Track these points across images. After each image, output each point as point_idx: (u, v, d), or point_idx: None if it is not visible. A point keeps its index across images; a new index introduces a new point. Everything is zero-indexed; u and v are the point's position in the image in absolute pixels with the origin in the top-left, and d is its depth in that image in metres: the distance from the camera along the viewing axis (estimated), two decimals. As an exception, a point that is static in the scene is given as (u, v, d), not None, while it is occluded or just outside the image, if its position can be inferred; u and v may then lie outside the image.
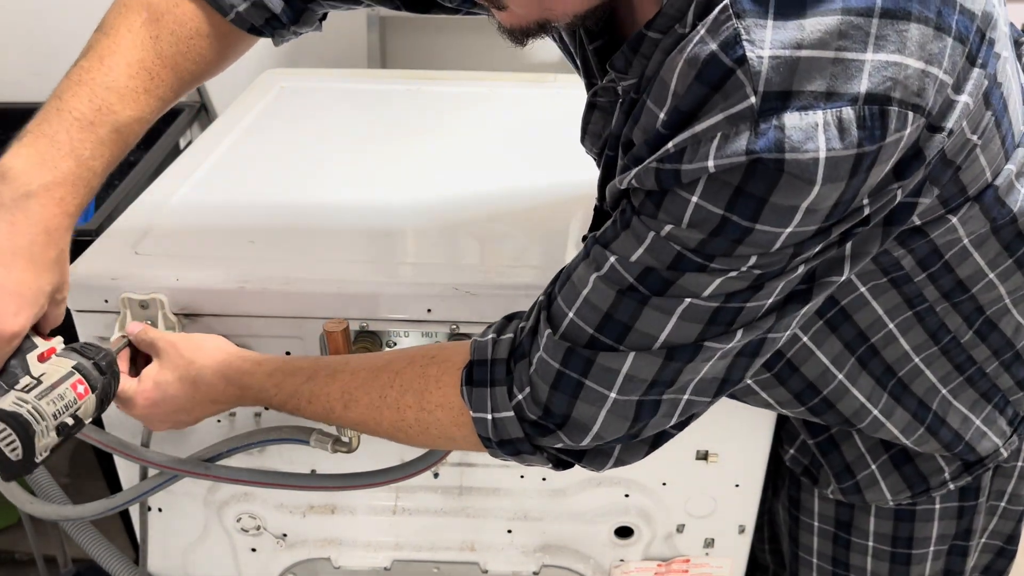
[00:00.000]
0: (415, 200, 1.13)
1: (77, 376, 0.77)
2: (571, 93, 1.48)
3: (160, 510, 1.10)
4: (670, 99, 0.61)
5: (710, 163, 0.59)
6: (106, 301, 0.93)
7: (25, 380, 0.75)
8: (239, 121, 1.32)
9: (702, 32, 0.59)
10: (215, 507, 1.09)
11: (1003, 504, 1.00)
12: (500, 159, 1.26)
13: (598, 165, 0.84)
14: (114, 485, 1.45)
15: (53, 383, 0.75)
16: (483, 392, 0.75)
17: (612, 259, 0.67)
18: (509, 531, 1.10)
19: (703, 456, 1.03)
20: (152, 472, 0.99)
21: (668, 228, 0.64)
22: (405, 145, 1.29)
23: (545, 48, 0.95)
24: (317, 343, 0.96)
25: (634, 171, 0.64)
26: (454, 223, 1.08)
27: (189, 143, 1.38)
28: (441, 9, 0.90)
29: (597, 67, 0.78)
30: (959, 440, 0.89)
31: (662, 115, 0.62)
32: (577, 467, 0.98)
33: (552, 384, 0.71)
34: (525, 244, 1.06)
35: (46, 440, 0.74)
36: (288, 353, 0.97)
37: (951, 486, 0.94)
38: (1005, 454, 0.92)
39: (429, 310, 0.94)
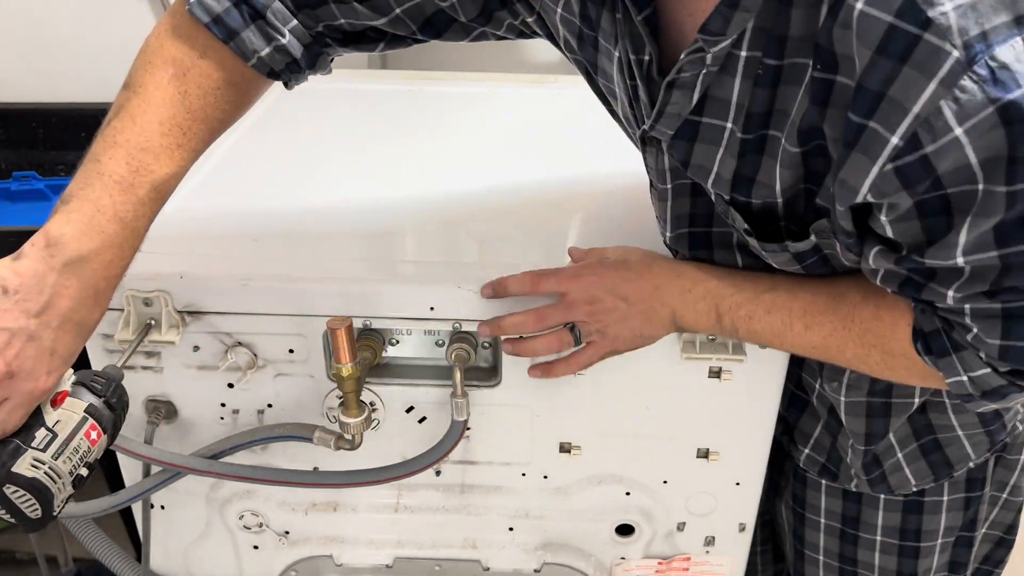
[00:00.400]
0: (417, 199, 1.14)
1: (90, 422, 0.78)
2: (571, 93, 1.49)
3: (163, 507, 1.10)
4: (859, 76, 0.61)
5: (957, 131, 0.59)
6: (110, 299, 0.93)
7: (41, 434, 0.75)
8: (242, 121, 1.32)
9: (859, 5, 0.59)
10: (217, 504, 1.10)
11: (1004, 495, 1.01)
12: (500, 159, 1.26)
13: (650, 147, 0.83)
14: (115, 483, 1.45)
15: (68, 435, 0.76)
16: (949, 360, 0.75)
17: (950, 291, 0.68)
18: (511, 529, 1.11)
19: (704, 454, 1.04)
20: (155, 469, 0.99)
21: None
22: (406, 145, 1.29)
23: (545, 48, 0.95)
24: (320, 340, 0.96)
25: (867, 183, 0.64)
26: (455, 222, 1.09)
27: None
28: (453, 35, 0.90)
29: (649, 39, 0.75)
30: (998, 417, 0.91)
31: (854, 90, 0.62)
32: (577, 467, 0.99)
33: (1000, 356, 0.72)
34: (525, 244, 1.06)
35: (63, 495, 0.76)
36: (291, 351, 0.97)
37: (971, 464, 0.95)
38: (1021, 427, 0.93)
39: (432, 308, 0.95)
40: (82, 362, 0.84)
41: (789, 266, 0.83)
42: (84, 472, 0.77)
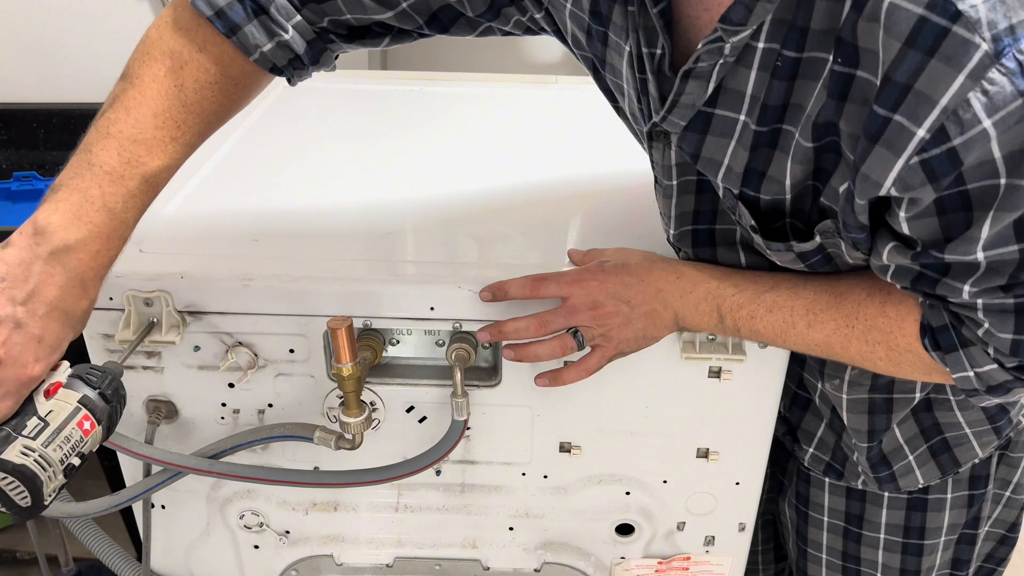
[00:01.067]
0: (417, 199, 1.14)
1: (83, 412, 0.78)
2: (571, 94, 1.49)
3: (163, 507, 1.10)
4: (881, 71, 0.61)
5: (986, 123, 0.59)
6: (111, 299, 0.93)
7: (32, 423, 0.75)
8: (242, 121, 1.33)
9: None
10: (218, 504, 1.10)
11: (1007, 493, 1.02)
12: (501, 159, 1.27)
13: (656, 143, 0.82)
14: (115, 483, 1.46)
15: (59, 424, 0.76)
16: (956, 356, 0.76)
17: (966, 286, 0.69)
18: (511, 528, 1.11)
19: (704, 454, 1.04)
20: (155, 469, 1.00)
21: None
22: (406, 145, 1.29)
23: (545, 48, 0.95)
24: (321, 340, 0.97)
25: (892, 177, 0.64)
26: (455, 222, 1.09)
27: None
28: (459, 29, 0.90)
29: (663, 31, 0.75)
30: (1004, 413, 0.91)
31: (878, 84, 0.62)
32: (577, 466, 0.99)
33: (1012, 351, 0.72)
34: (525, 243, 1.06)
35: (53, 484, 0.76)
36: (292, 351, 0.98)
37: (976, 461, 0.96)
38: None
39: (432, 308, 0.95)
40: (83, 362, 0.84)
41: (793, 265, 0.83)
42: (76, 461, 0.77)
